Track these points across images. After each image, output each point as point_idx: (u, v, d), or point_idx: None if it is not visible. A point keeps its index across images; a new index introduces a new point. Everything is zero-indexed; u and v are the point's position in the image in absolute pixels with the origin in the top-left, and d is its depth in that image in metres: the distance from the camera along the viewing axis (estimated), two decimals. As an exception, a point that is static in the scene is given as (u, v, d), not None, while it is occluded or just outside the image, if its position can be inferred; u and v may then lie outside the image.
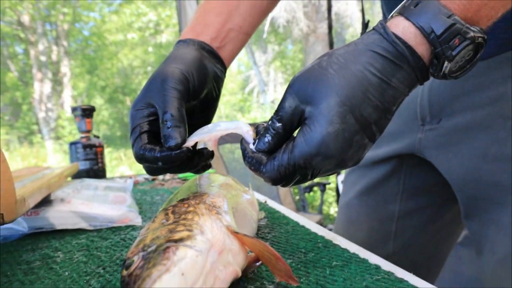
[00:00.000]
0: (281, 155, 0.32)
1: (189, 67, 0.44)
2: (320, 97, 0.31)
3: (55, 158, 5.58)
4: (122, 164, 6.99)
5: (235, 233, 0.33)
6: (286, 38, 10.66)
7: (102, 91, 12.03)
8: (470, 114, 0.52)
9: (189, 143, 0.39)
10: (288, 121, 0.34)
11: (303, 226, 0.54)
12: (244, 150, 0.36)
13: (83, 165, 1.27)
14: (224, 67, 0.53)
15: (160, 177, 1.18)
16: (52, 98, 9.97)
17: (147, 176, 1.19)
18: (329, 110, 0.30)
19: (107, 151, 8.47)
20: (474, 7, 0.31)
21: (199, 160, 0.41)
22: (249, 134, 0.37)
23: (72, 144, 1.29)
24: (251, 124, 0.39)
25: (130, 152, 7.83)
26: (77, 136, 1.32)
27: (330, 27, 3.03)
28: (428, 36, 0.30)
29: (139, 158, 0.40)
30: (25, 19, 9.54)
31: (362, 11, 0.72)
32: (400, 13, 0.33)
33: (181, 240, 0.27)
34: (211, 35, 0.52)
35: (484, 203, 0.50)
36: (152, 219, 0.36)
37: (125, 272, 0.26)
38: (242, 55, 12.27)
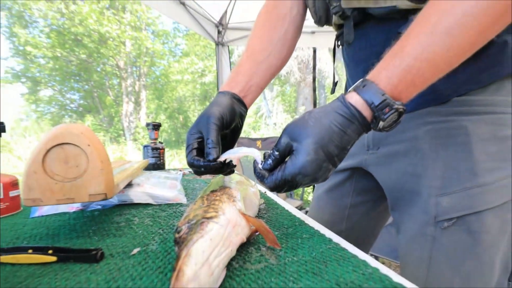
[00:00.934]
0: (277, 173, 0.34)
1: (224, 109, 0.45)
2: (302, 138, 0.33)
3: (133, 153, 5.58)
4: (174, 159, 6.93)
5: (243, 214, 0.34)
6: (286, 83, 10.62)
7: (165, 110, 12.14)
8: (396, 146, 0.51)
9: (221, 158, 0.40)
10: (282, 151, 0.35)
11: (287, 210, 0.54)
12: (255, 167, 0.37)
13: (151, 160, 1.28)
14: (246, 109, 0.53)
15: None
16: (133, 114, 10.07)
17: (191, 170, 1.19)
18: (307, 146, 0.32)
19: (166, 150, 8.48)
20: (398, 90, 0.32)
21: (226, 168, 0.42)
22: (259, 158, 0.38)
23: (145, 146, 1.30)
24: (260, 150, 0.41)
25: (181, 152, 7.89)
26: (148, 141, 1.32)
27: (314, 78, 3.01)
28: (370, 106, 0.32)
29: (190, 164, 0.41)
30: (121, 63, 9.72)
31: (333, 73, 0.70)
32: (354, 89, 0.34)
33: (211, 218, 0.28)
34: (239, 89, 0.51)
35: (402, 202, 0.50)
36: (194, 202, 0.37)
37: (176, 235, 0.27)
38: (257, 93, 12.27)
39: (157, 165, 1.29)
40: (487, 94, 0.41)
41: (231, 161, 0.43)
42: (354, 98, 0.33)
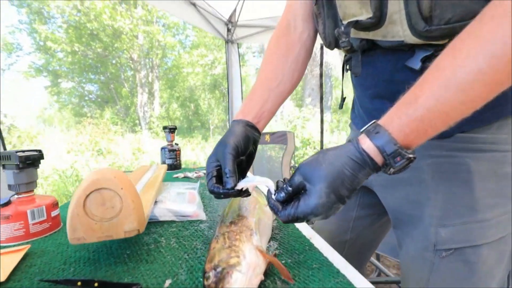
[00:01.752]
0: (290, 209, 0.35)
1: (239, 139, 0.47)
2: (315, 181, 0.34)
3: (149, 143, 5.68)
4: (186, 146, 6.92)
5: (261, 252, 0.36)
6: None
7: (177, 99, 12.20)
8: (401, 174, 0.52)
9: (238, 187, 0.42)
10: (295, 188, 0.36)
11: (297, 229, 0.55)
12: (269, 197, 0.38)
13: (168, 161, 1.32)
14: (260, 133, 0.53)
15: None
16: (147, 105, 10.18)
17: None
18: (320, 190, 0.33)
19: (177, 137, 8.59)
20: (410, 139, 0.32)
21: (243, 194, 0.43)
22: (272, 187, 0.40)
23: (162, 148, 1.33)
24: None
25: (193, 140, 7.96)
26: (162, 134, 1.36)
27: (321, 74, 2.95)
28: (382, 153, 0.32)
29: (211, 191, 0.43)
30: (134, 56, 9.71)
31: (342, 89, 0.66)
32: (367, 134, 0.34)
33: (234, 265, 0.30)
34: (252, 116, 0.52)
35: (404, 223, 0.51)
36: (216, 239, 0.39)
37: (205, 282, 0.29)
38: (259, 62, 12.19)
39: (174, 165, 1.34)
40: (489, 132, 0.41)
41: (247, 188, 0.44)
42: (367, 144, 0.33)
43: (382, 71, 0.48)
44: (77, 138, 3.94)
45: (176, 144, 1.37)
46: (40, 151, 0.55)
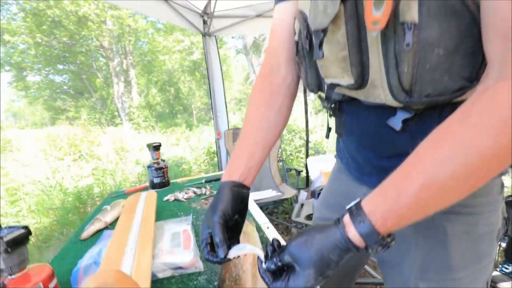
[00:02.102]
0: (281, 282, 0.37)
1: (227, 205, 0.47)
2: (305, 265, 0.36)
3: (131, 137, 5.48)
4: (171, 136, 6.74)
5: None
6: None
7: (155, 84, 11.76)
8: None
9: (230, 255, 0.43)
10: (284, 264, 0.38)
11: None
12: (259, 266, 0.40)
13: (156, 180, 1.31)
14: (248, 188, 0.53)
15: (205, 195, 1.17)
16: (125, 94, 9.70)
17: (196, 190, 1.21)
18: (309, 275, 0.35)
19: (160, 125, 8.41)
20: (391, 229, 0.34)
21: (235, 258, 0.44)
22: (262, 255, 0.41)
23: (149, 167, 1.30)
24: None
25: (177, 129, 7.76)
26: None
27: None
28: (366, 242, 0.34)
29: (206, 259, 0.45)
30: (105, 43, 9.07)
31: (327, 122, 0.64)
32: (351, 219, 0.35)
33: None
34: (239, 174, 0.52)
35: (388, 263, 0.55)
36: None
37: None
38: (243, 58, 11.90)
39: (163, 183, 1.33)
40: (467, 197, 0.44)
41: (238, 256, 0.45)
42: (352, 233, 0.35)
43: (366, 125, 0.49)
44: (55, 141, 3.75)
45: (163, 160, 1.35)
46: (27, 227, 0.54)
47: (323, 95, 0.52)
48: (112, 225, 0.91)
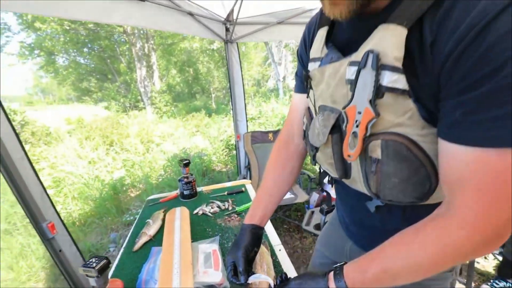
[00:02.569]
0: None
1: (248, 242, 0.66)
2: None
3: (155, 124, 5.82)
4: (189, 122, 6.98)
5: None
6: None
7: (175, 64, 11.98)
8: None
9: (249, 281, 0.62)
10: None
11: None
12: None
13: (186, 192, 1.52)
14: (263, 228, 0.72)
15: (228, 211, 1.33)
16: (147, 79, 10.03)
17: (220, 204, 1.41)
18: None
19: (178, 107, 8.62)
20: None
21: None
22: (272, 284, 0.60)
23: (180, 180, 1.51)
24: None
25: (197, 115, 8.04)
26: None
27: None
28: None
29: (229, 281, 0.65)
30: (128, 29, 9.25)
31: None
32: (334, 278, 0.47)
33: None
34: (258, 219, 0.71)
35: None
36: None
37: None
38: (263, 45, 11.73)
39: (191, 194, 1.54)
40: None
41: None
42: (332, 286, 0.47)
43: (351, 199, 0.64)
44: (88, 132, 4.11)
45: (191, 174, 1.55)
46: (107, 258, 0.75)
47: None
48: (155, 237, 1.13)
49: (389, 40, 0.39)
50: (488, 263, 1.99)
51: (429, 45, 0.38)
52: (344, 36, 0.52)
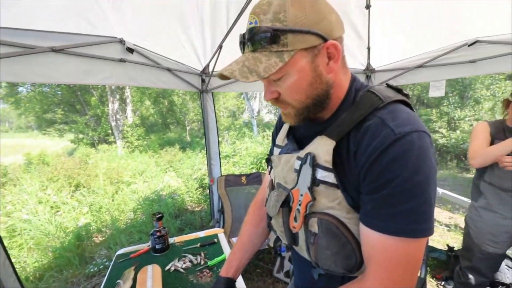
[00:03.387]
0: None
1: None
2: None
3: (124, 156, 5.64)
4: (164, 158, 6.88)
5: None
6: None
7: (149, 96, 11.97)
8: None
9: None
10: None
11: None
12: None
13: (158, 246, 1.52)
14: (235, 281, 0.83)
15: (200, 266, 1.37)
16: (120, 112, 9.87)
17: (192, 259, 1.44)
18: None
19: (152, 137, 8.38)
20: None
21: None
22: None
23: (152, 234, 1.52)
24: None
25: (171, 150, 7.97)
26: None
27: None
28: None
29: None
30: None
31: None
32: None
33: None
34: (232, 272, 0.82)
35: None
36: None
37: None
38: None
39: (163, 248, 1.55)
40: None
41: None
42: None
43: (301, 264, 0.75)
44: (53, 173, 3.89)
45: (164, 228, 1.58)
46: None
47: None
48: (125, 300, 1.13)
49: (322, 148, 0.54)
50: (444, 299, 2.16)
51: (353, 153, 0.51)
52: (301, 131, 0.67)
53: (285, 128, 0.73)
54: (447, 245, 2.52)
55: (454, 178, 5.75)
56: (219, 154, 2.82)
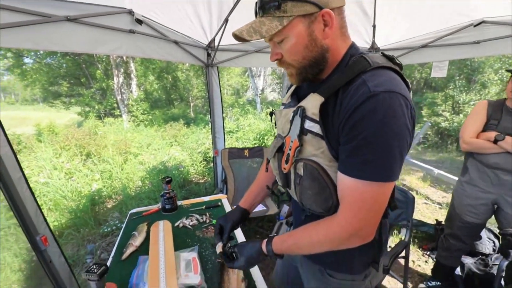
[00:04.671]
0: (230, 263, 0.79)
1: (237, 219, 0.94)
2: (241, 256, 0.77)
3: (130, 129, 5.76)
4: (169, 132, 7.01)
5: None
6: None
7: (153, 71, 11.86)
8: (309, 274, 0.94)
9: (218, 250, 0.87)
10: (233, 252, 0.80)
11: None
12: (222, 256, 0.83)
13: (167, 206, 1.67)
14: (249, 212, 0.98)
15: (205, 224, 1.52)
16: (125, 86, 9.87)
17: (198, 218, 1.60)
18: (242, 260, 0.77)
19: (154, 113, 8.43)
20: (279, 252, 0.71)
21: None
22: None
23: (162, 195, 1.68)
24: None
25: (175, 125, 8.07)
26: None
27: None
28: (268, 253, 0.72)
29: (215, 235, 0.90)
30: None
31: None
32: (265, 243, 0.73)
33: None
34: (248, 205, 0.98)
35: None
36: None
37: None
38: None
39: (172, 208, 1.70)
40: (349, 278, 0.77)
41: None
42: (264, 248, 0.74)
43: (296, 210, 0.86)
44: (64, 141, 4.03)
45: (172, 190, 1.72)
46: (106, 265, 0.92)
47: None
48: (140, 247, 1.29)
49: (312, 103, 0.61)
50: (428, 266, 2.34)
51: (338, 110, 0.58)
52: (302, 91, 0.76)
53: (291, 89, 0.82)
54: (436, 220, 2.67)
55: (452, 161, 5.84)
56: (223, 128, 2.91)
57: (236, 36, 0.61)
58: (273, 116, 0.82)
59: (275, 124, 0.82)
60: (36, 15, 1.28)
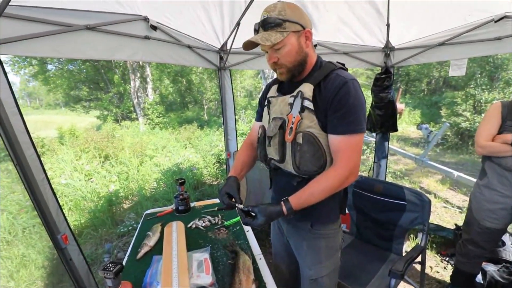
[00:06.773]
0: (251, 222, 0.86)
1: (234, 186, 1.01)
2: (261, 215, 0.84)
3: (147, 136, 5.95)
4: (180, 134, 7.17)
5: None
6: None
7: (168, 74, 12.13)
8: (297, 242, 1.05)
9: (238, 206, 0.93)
10: (253, 211, 0.87)
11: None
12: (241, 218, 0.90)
13: (181, 207, 1.71)
14: (239, 180, 1.08)
15: (217, 225, 1.54)
16: (141, 90, 10.17)
17: (211, 219, 1.62)
18: (262, 219, 0.84)
19: (169, 116, 8.68)
20: (297, 207, 0.85)
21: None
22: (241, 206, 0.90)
23: (175, 197, 1.71)
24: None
25: (189, 127, 8.24)
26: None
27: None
28: (287, 211, 0.85)
29: (222, 202, 0.98)
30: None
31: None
32: (284, 203, 0.86)
33: None
34: (237, 173, 1.09)
35: (299, 257, 0.99)
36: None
37: None
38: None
39: (185, 210, 1.74)
40: (330, 228, 0.99)
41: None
42: (284, 208, 0.85)
43: (281, 181, 1.03)
44: (83, 145, 4.21)
45: (186, 192, 1.76)
46: (122, 264, 0.95)
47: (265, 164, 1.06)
48: (154, 247, 1.33)
49: (307, 88, 0.88)
50: (446, 272, 2.25)
51: (323, 93, 0.85)
52: (285, 89, 1.00)
53: (274, 88, 1.05)
54: (455, 224, 2.56)
55: (473, 163, 5.58)
56: (236, 130, 2.94)
57: (248, 44, 0.86)
58: (270, 104, 1.02)
59: (268, 110, 1.03)
60: (58, 25, 1.35)
